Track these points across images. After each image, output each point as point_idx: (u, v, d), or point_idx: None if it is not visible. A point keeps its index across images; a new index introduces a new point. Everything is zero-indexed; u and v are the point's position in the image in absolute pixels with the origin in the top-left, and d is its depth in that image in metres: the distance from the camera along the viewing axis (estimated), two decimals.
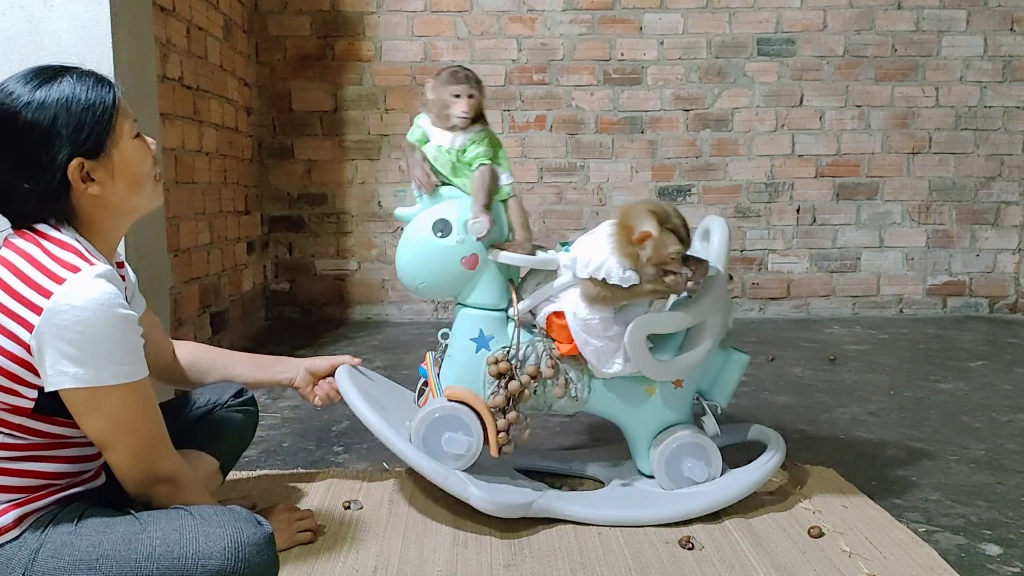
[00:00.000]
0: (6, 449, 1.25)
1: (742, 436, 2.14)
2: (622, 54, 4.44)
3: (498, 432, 1.84)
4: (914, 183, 4.57)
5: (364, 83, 4.40)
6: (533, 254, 1.86)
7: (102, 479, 1.42)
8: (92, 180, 1.30)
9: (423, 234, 1.85)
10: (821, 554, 1.68)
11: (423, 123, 1.92)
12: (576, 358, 1.87)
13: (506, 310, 1.91)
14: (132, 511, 1.31)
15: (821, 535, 1.75)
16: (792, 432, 2.51)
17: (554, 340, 1.88)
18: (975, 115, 4.53)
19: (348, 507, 1.89)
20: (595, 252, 1.79)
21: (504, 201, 1.89)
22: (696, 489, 1.90)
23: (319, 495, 1.99)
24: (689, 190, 4.52)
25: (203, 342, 3.24)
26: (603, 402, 1.93)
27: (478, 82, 1.86)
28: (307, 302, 4.53)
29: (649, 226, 1.72)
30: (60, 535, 1.24)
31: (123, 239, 2.22)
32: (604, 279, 1.76)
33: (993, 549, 1.71)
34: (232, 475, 2.04)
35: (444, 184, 1.90)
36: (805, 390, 3.01)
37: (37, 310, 1.19)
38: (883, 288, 4.64)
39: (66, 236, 1.28)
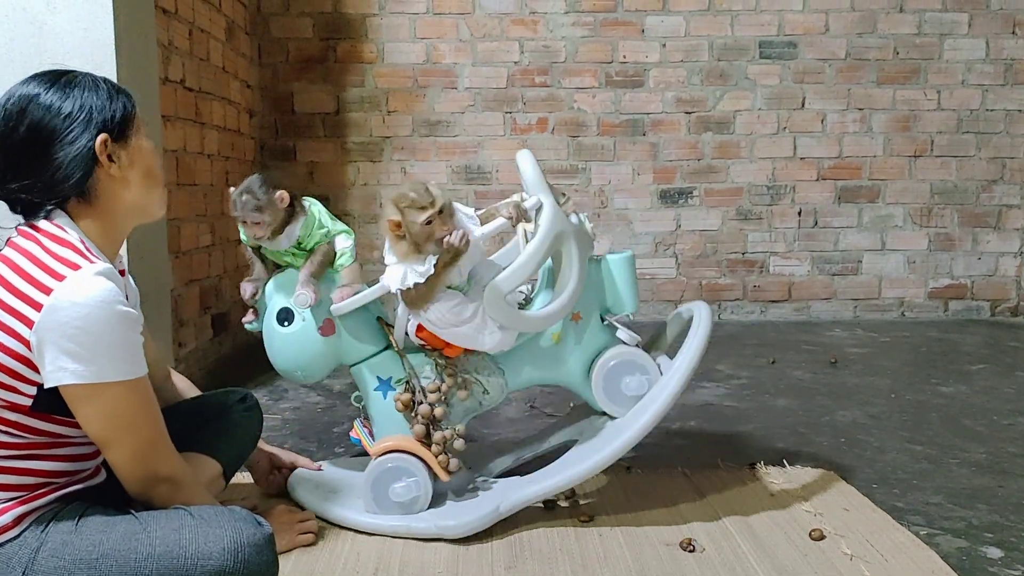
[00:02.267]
0: (5, 448, 1.26)
1: (671, 331, 2.09)
2: (624, 56, 4.45)
3: (436, 457, 1.82)
4: (916, 186, 4.57)
5: (366, 85, 4.41)
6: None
7: (102, 476, 1.42)
8: (114, 161, 1.33)
9: (275, 331, 1.85)
10: (822, 557, 1.68)
11: None
12: (467, 353, 1.86)
13: (388, 346, 1.90)
14: (132, 511, 1.32)
15: (822, 538, 1.75)
16: (793, 435, 2.51)
17: (442, 349, 1.86)
18: (977, 118, 4.53)
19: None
20: (391, 266, 1.77)
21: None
22: (645, 400, 1.85)
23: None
24: (691, 192, 4.52)
25: (204, 344, 3.26)
26: (523, 373, 1.92)
27: (257, 203, 1.78)
28: None
29: (391, 214, 1.71)
30: (60, 534, 1.24)
31: (124, 241, 2.24)
32: (413, 284, 1.74)
33: (994, 552, 1.71)
34: (234, 478, 2.04)
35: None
36: (806, 393, 3.01)
37: (37, 307, 1.20)
38: (884, 291, 4.63)
39: (69, 235, 1.29)
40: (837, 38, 4.47)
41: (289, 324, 1.83)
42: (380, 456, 1.83)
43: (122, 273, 1.53)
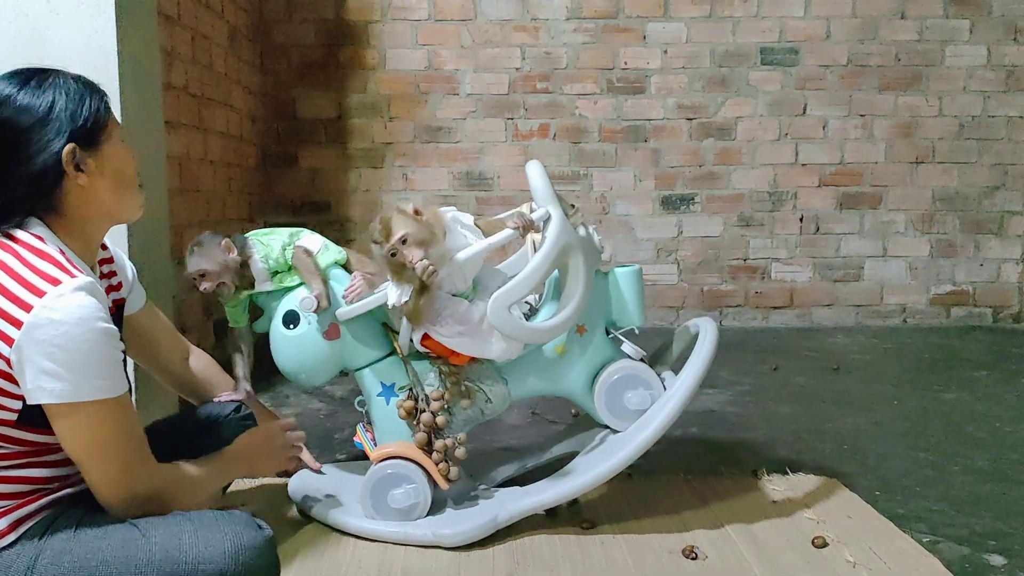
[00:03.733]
0: None
1: (677, 345, 2.09)
2: (625, 63, 4.45)
3: (437, 464, 1.83)
4: (917, 192, 4.57)
5: (368, 91, 4.41)
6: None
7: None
8: (82, 170, 1.30)
9: (281, 333, 1.86)
10: (825, 565, 1.67)
11: None
12: (471, 362, 1.87)
13: (392, 352, 1.90)
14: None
15: (825, 545, 1.74)
16: (795, 442, 2.50)
17: (447, 357, 1.87)
18: (979, 125, 4.53)
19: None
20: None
21: (342, 265, 1.93)
22: (648, 414, 1.84)
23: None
24: (692, 199, 4.52)
25: (207, 350, 3.25)
26: (526, 384, 1.92)
27: (207, 263, 1.83)
28: None
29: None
30: (59, 542, 1.23)
31: (126, 246, 2.25)
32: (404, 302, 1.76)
33: (997, 559, 1.71)
34: (233, 484, 2.04)
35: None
36: (808, 400, 3.01)
37: (17, 324, 1.18)
38: (887, 297, 4.63)
39: (47, 246, 1.27)
40: (838, 44, 4.47)
41: (295, 327, 1.84)
42: (380, 462, 1.83)
43: (110, 260, 1.54)
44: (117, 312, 1.52)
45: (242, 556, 1.18)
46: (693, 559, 1.69)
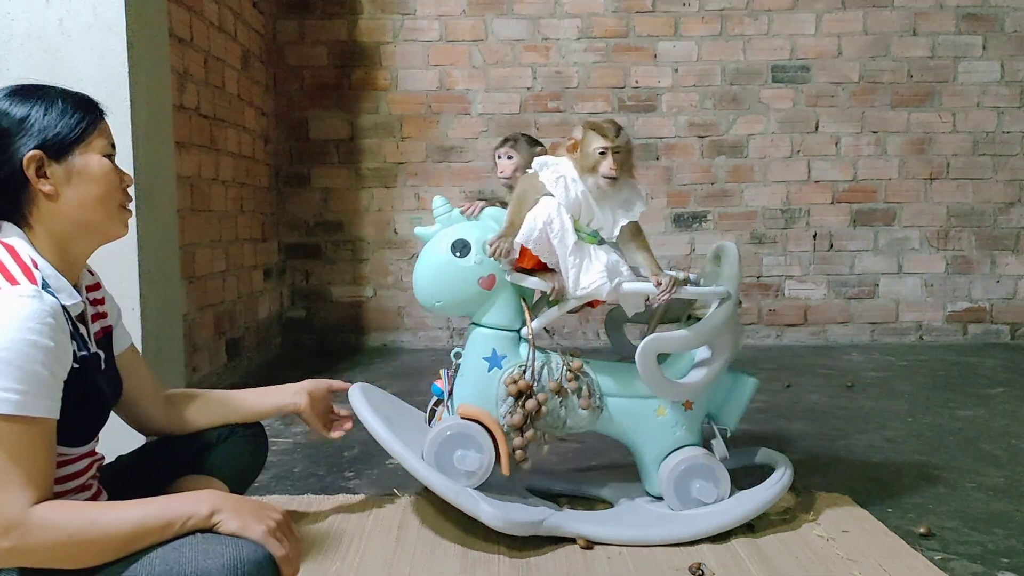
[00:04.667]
0: None
1: (750, 459, 2.14)
2: (636, 81, 4.46)
3: (513, 451, 1.85)
4: (932, 209, 4.54)
5: (380, 112, 4.45)
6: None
7: (90, 492, 1.41)
8: (46, 177, 1.30)
9: (442, 253, 1.89)
10: None
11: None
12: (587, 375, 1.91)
13: (519, 330, 1.92)
14: None
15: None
16: (807, 458, 2.48)
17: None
18: (993, 140, 4.50)
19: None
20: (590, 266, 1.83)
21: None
22: (705, 510, 1.89)
23: (328, 520, 1.98)
24: (704, 216, 4.51)
25: (218, 368, 3.27)
26: (614, 422, 1.94)
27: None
28: (323, 329, 4.54)
29: (577, 134, 1.91)
30: None
31: (136, 264, 2.26)
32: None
33: None
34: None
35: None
36: (821, 416, 2.98)
37: None
38: (902, 315, 4.59)
39: (20, 253, 1.26)
40: (850, 61, 4.47)
41: (462, 256, 1.87)
42: (464, 419, 1.85)
43: (97, 287, 1.53)
44: (105, 338, 1.49)
45: (241, 569, 1.16)
46: None
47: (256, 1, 4.02)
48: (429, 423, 2.04)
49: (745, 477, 2.04)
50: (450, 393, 1.96)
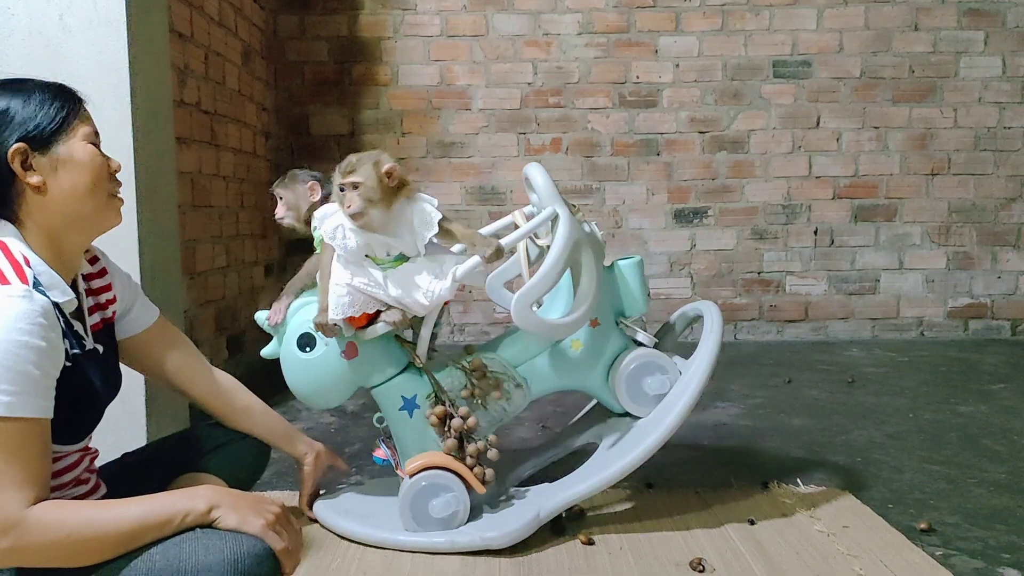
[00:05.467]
0: None
1: (679, 327, 2.16)
2: (637, 77, 4.46)
3: (472, 469, 1.83)
4: (933, 204, 4.54)
5: (381, 107, 4.44)
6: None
7: (87, 487, 1.41)
8: (30, 170, 1.29)
9: (297, 358, 1.83)
10: None
11: None
12: (487, 360, 1.90)
13: (409, 365, 1.89)
14: None
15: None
16: (808, 454, 2.48)
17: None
18: (994, 136, 4.50)
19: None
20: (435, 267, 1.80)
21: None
22: (669, 398, 1.89)
23: None
24: (705, 212, 4.51)
25: (219, 365, 3.25)
26: (544, 381, 1.94)
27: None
28: None
29: None
30: None
31: (137, 260, 2.25)
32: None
33: (1012, 573, 1.68)
34: None
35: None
36: (822, 412, 2.98)
37: None
38: (903, 310, 4.59)
39: (12, 250, 1.25)
40: (852, 57, 4.46)
41: (311, 350, 1.82)
42: (415, 474, 1.82)
43: (100, 274, 1.52)
44: (105, 329, 1.49)
45: (242, 564, 1.16)
46: (701, 572, 1.67)
47: None
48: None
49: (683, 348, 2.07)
50: (394, 456, 1.93)
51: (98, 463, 1.52)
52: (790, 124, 4.49)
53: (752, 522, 1.91)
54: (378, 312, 1.80)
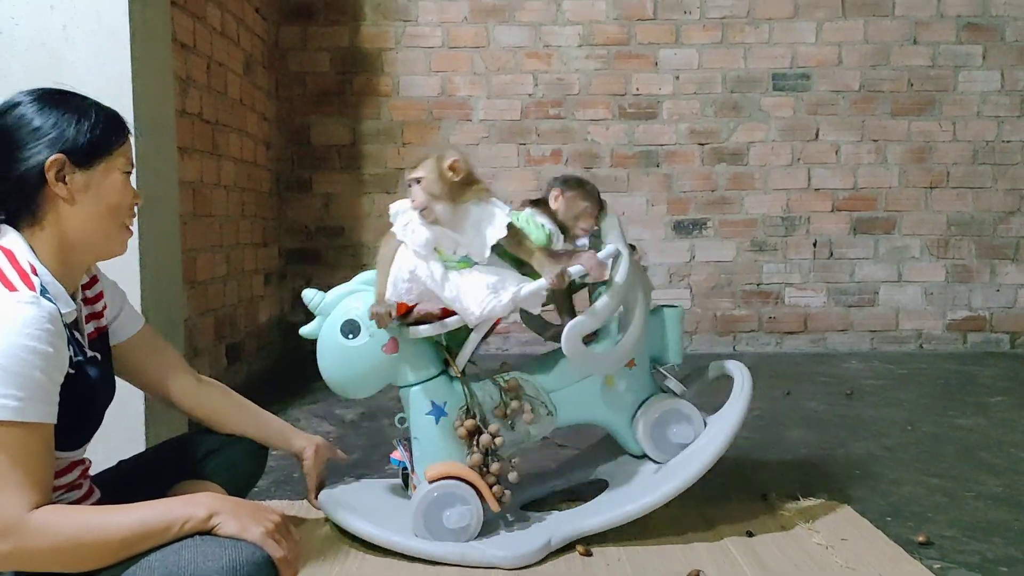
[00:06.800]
0: None
1: (707, 381, 2.17)
2: (637, 89, 4.48)
3: (491, 487, 1.83)
4: (932, 217, 4.55)
5: (382, 117, 4.46)
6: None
7: (81, 491, 1.41)
8: (65, 183, 1.30)
9: (336, 342, 1.84)
10: None
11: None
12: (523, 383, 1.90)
13: (445, 371, 1.89)
14: None
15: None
16: (806, 466, 2.48)
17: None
18: (993, 150, 4.51)
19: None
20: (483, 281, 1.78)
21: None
22: (693, 449, 1.91)
23: (328, 525, 1.98)
24: (705, 223, 4.52)
25: (218, 374, 3.27)
26: (572, 411, 1.95)
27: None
28: None
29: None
30: None
31: (138, 269, 2.27)
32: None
33: None
34: None
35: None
36: (820, 424, 2.98)
37: None
38: (902, 323, 4.60)
39: (19, 257, 1.27)
40: (851, 70, 4.48)
41: (354, 337, 1.82)
42: (434, 481, 1.82)
43: (94, 282, 1.53)
44: (100, 338, 1.50)
45: (240, 571, 1.17)
46: None
47: (259, 7, 4.03)
48: (406, 488, 2.03)
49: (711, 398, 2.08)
50: (410, 459, 1.93)
51: (96, 469, 1.52)
52: (789, 137, 4.50)
53: (750, 534, 1.91)
54: (415, 305, 1.81)
